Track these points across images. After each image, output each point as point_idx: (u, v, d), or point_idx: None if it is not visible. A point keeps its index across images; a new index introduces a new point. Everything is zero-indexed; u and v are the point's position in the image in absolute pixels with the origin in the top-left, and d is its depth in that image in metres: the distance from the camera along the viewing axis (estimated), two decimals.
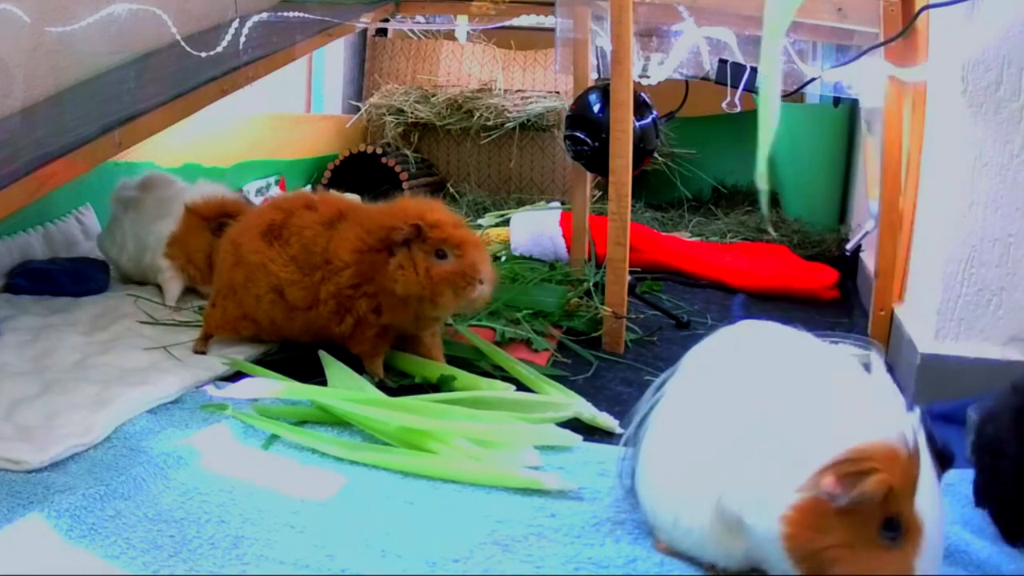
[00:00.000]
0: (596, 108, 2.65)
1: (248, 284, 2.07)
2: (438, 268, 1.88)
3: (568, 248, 3.23)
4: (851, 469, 1.02)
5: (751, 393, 1.18)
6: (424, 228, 1.88)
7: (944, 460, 1.10)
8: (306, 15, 3.08)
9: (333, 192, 2.17)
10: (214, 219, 2.54)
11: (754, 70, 2.53)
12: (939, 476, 1.08)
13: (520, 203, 4.49)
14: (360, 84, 5.37)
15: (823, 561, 1.03)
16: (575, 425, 1.80)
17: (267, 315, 2.07)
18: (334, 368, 2.06)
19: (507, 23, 3.75)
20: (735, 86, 2.52)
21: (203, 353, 2.14)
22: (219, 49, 2.69)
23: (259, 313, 2.08)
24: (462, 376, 2.01)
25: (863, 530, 1.02)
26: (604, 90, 2.59)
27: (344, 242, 1.95)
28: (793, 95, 2.96)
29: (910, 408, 1.10)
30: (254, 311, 2.09)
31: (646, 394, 1.36)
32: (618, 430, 1.82)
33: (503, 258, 3.36)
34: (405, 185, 4.58)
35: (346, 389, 1.89)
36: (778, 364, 1.20)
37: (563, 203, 4.24)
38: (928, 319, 2.00)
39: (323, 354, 2.13)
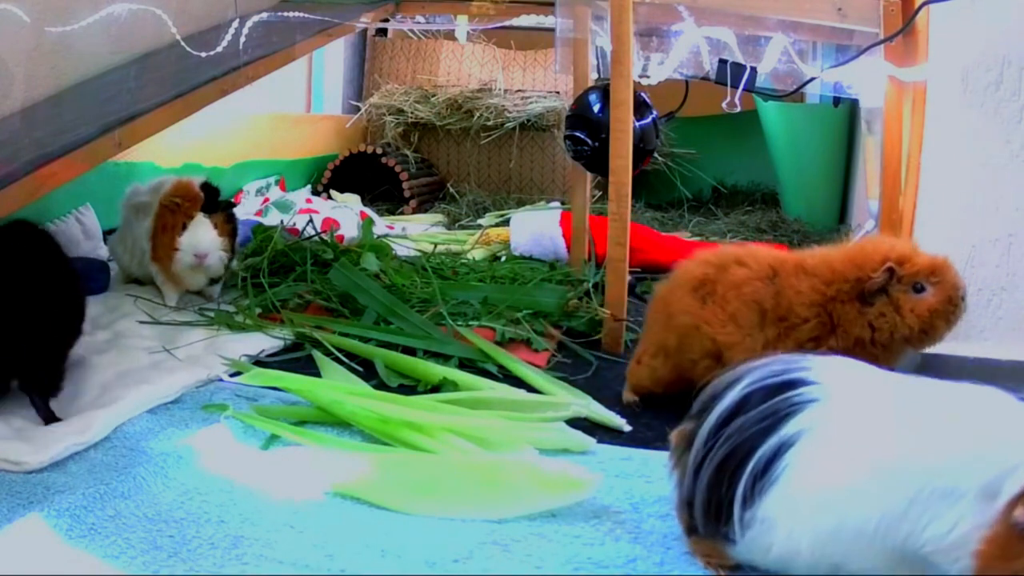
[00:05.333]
0: (596, 108, 2.65)
1: (682, 348, 1.90)
2: (924, 304, 1.73)
3: (568, 248, 3.23)
4: None
5: (928, 434, 1.18)
6: (897, 270, 1.75)
7: None
8: (306, 15, 3.08)
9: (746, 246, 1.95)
10: (167, 204, 2.50)
11: (754, 70, 2.53)
12: None
13: (520, 203, 4.49)
14: (360, 84, 5.37)
15: None
16: (574, 424, 1.80)
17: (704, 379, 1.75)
18: (330, 368, 2.07)
19: (507, 23, 3.75)
20: (735, 86, 2.52)
21: (635, 406, 1.97)
22: (219, 49, 2.69)
23: (695, 375, 1.83)
24: (463, 379, 2.01)
25: None
26: (604, 90, 2.58)
27: (799, 296, 1.78)
28: (793, 95, 2.95)
29: None
30: (690, 374, 1.88)
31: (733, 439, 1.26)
32: (625, 428, 1.83)
33: (503, 258, 3.36)
34: (405, 185, 4.58)
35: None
36: (933, 406, 1.20)
37: (563, 203, 4.24)
38: None
39: (317, 354, 2.14)
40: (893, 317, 1.72)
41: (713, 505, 1.25)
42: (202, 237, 2.48)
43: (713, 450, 1.25)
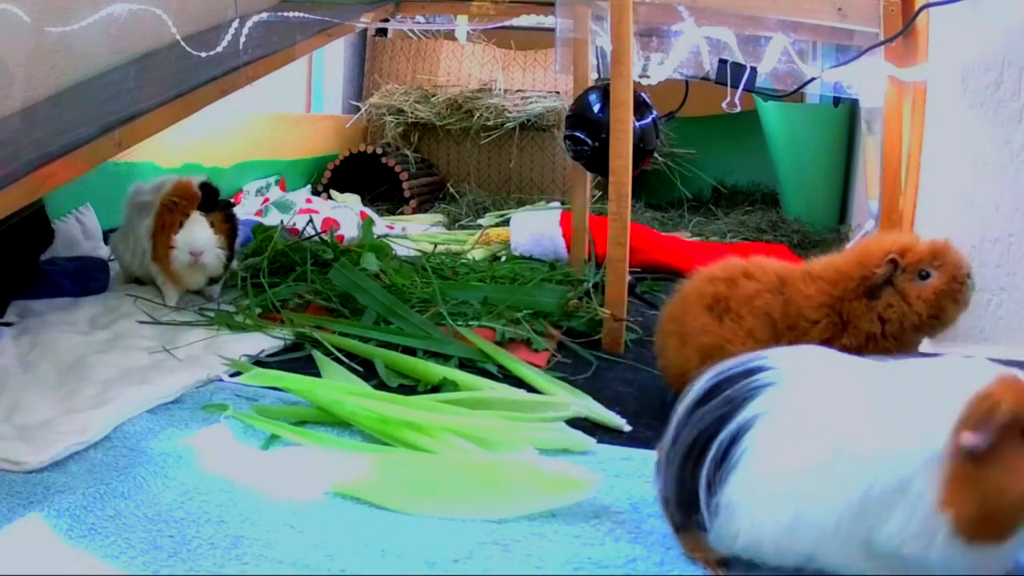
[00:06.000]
0: (596, 108, 2.65)
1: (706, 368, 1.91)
2: (929, 288, 1.74)
3: (568, 248, 3.23)
4: (977, 414, 1.06)
5: (880, 419, 1.16)
6: (900, 260, 1.76)
7: None
8: (306, 15, 3.08)
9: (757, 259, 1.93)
10: (166, 203, 2.51)
11: (754, 70, 2.53)
12: None
13: (520, 203, 4.49)
14: (360, 84, 5.37)
15: (994, 506, 1.05)
16: (574, 424, 1.80)
17: None
18: (330, 368, 2.07)
19: (507, 23, 3.75)
20: (735, 86, 2.52)
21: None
22: (219, 49, 2.69)
23: None
24: (463, 379, 2.01)
25: (1012, 454, 1.06)
26: (604, 90, 2.58)
27: (807, 300, 1.80)
28: (793, 95, 2.95)
29: None
30: None
31: (700, 419, 1.28)
32: (626, 428, 1.83)
33: (503, 258, 3.36)
34: (405, 185, 4.58)
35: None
36: (887, 390, 1.19)
37: (563, 203, 4.24)
38: None
39: (317, 354, 2.14)
40: (901, 306, 1.75)
41: (684, 495, 1.26)
42: (198, 235, 2.48)
43: (679, 440, 1.27)
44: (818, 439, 1.17)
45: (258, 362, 2.14)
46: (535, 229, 3.40)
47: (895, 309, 1.75)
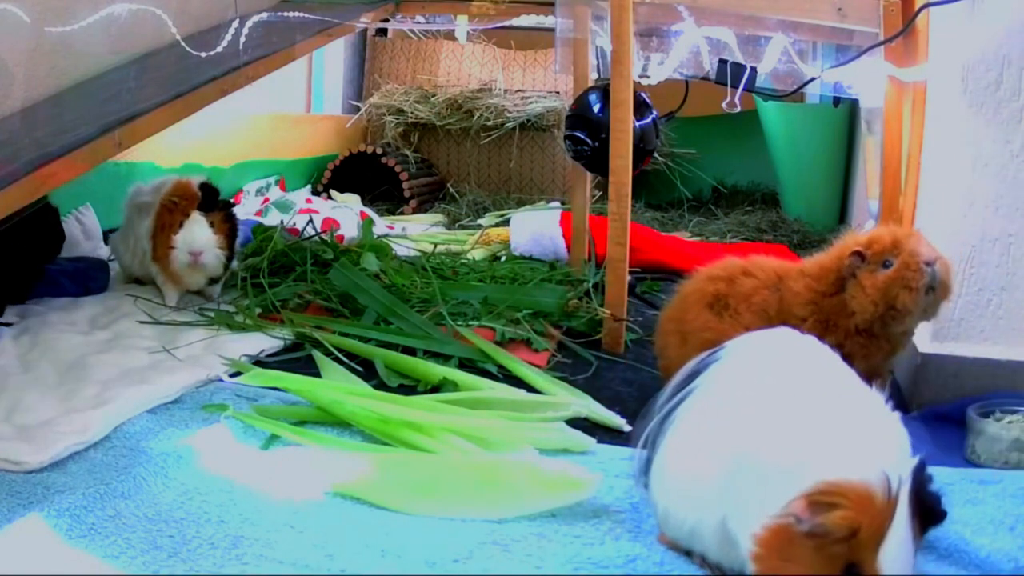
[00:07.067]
0: (596, 108, 2.65)
1: None
2: (883, 276, 1.71)
3: (568, 248, 3.23)
4: (822, 499, 1.01)
5: (763, 410, 1.16)
6: (865, 252, 1.75)
7: (931, 516, 1.07)
8: (306, 15, 3.08)
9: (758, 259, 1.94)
10: (166, 203, 2.51)
11: (754, 70, 2.53)
12: (921, 531, 1.07)
13: (520, 203, 4.49)
14: (360, 84, 5.37)
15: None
16: (574, 424, 1.80)
17: None
18: (330, 369, 2.07)
19: (507, 23, 3.75)
20: (735, 86, 2.52)
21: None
22: (219, 49, 2.69)
23: None
24: (463, 379, 2.01)
25: (825, 570, 1.02)
26: (604, 90, 2.59)
27: (796, 297, 1.81)
28: (793, 95, 2.95)
29: (912, 456, 1.09)
30: None
31: (673, 383, 1.33)
32: (626, 428, 1.83)
33: (503, 258, 3.36)
34: (405, 185, 4.58)
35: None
36: (794, 385, 1.18)
37: (563, 203, 4.24)
38: None
39: (317, 354, 2.14)
40: (860, 297, 1.75)
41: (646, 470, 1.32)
42: (197, 235, 2.48)
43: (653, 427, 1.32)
44: (710, 432, 1.20)
45: (258, 362, 2.14)
46: (535, 229, 3.40)
47: (857, 300, 1.75)
